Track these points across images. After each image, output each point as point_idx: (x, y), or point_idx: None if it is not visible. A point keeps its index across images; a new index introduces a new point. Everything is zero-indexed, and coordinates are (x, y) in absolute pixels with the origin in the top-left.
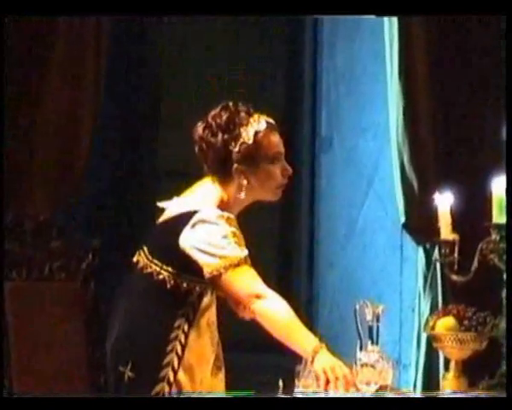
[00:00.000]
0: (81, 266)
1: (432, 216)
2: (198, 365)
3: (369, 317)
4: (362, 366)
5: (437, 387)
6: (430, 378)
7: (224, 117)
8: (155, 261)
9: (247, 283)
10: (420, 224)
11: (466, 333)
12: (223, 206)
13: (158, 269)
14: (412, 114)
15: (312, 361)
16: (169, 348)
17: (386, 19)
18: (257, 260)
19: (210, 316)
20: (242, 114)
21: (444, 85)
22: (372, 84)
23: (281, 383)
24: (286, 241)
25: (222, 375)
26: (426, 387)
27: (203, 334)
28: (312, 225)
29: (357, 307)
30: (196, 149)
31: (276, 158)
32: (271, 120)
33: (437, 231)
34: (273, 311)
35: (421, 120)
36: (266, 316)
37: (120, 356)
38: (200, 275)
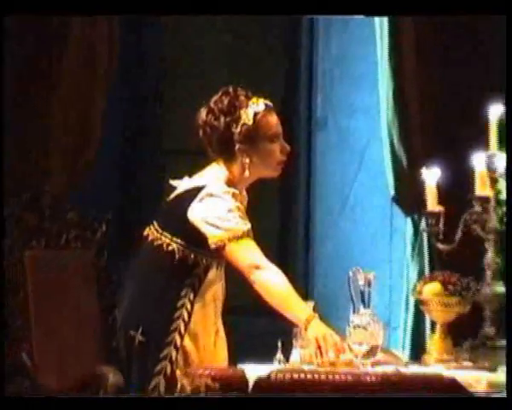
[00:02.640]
0: (95, 236)
1: (419, 189)
2: (202, 332)
3: (361, 283)
4: (354, 327)
5: (423, 348)
6: (417, 340)
7: (225, 101)
8: (165, 234)
9: (248, 254)
10: (408, 197)
11: (451, 297)
12: (229, 183)
13: (167, 241)
14: (401, 94)
15: (306, 329)
16: (176, 314)
17: None
18: (257, 232)
19: (216, 291)
20: (242, 98)
21: (431, 66)
22: (363, 68)
23: (279, 343)
24: (284, 215)
25: (224, 344)
26: (413, 348)
27: (207, 305)
28: (308, 199)
29: (351, 274)
30: (200, 133)
31: (274, 137)
32: (269, 103)
33: (424, 204)
34: (271, 282)
35: (409, 100)
36: (264, 286)
37: (131, 322)
38: (206, 248)
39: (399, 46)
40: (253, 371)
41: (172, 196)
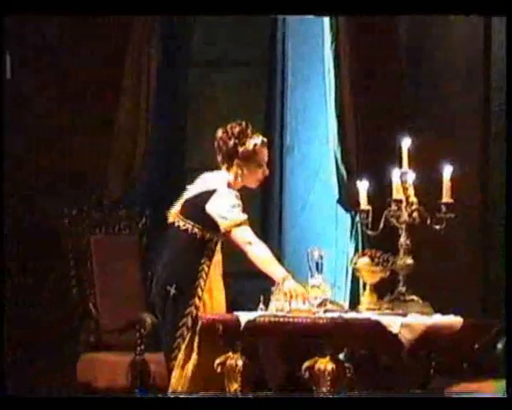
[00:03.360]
0: (138, 226)
1: (355, 194)
2: (214, 288)
3: (316, 256)
4: (312, 287)
5: (358, 300)
6: (354, 295)
7: (237, 129)
8: (189, 221)
9: (244, 235)
10: (347, 199)
11: (376, 267)
12: (230, 186)
13: (191, 226)
14: (341, 128)
15: (282, 284)
16: (198, 275)
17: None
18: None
19: (220, 259)
20: (249, 131)
21: (365, 96)
22: (319, 116)
23: (261, 298)
24: (265, 211)
25: (224, 296)
26: (351, 300)
27: (216, 268)
28: (281, 201)
29: (309, 250)
30: (215, 145)
31: (262, 163)
32: (265, 139)
33: (358, 204)
34: (259, 252)
35: (348, 133)
36: (254, 256)
37: (168, 280)
38: (217, 230)
39: (341, 92)
40: (244, 316)
41: (192, 194)
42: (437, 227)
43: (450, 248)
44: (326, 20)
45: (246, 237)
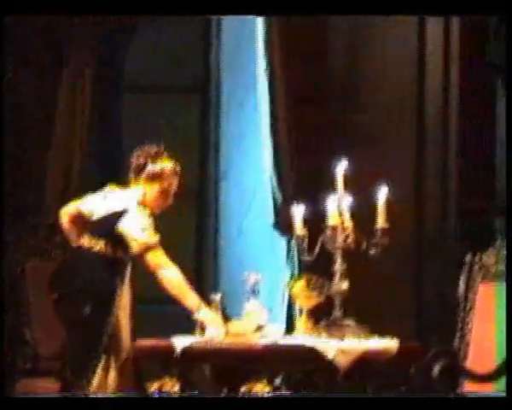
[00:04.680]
0: None
1: (290, 219)
2: (128, 307)
3: (252, 281)
4: (248, 312)
5: (293, 326)
6: (290, 320)
7: (153, 150)
8: (100, 241)
9: (156, 258)
10: (283, 224)
11: (312, 291)
12: (140, 204)
13: (103, 246)
14: (277, 154)
15: (196, 313)
16: (113, 294)
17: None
18: (179, 246)
19: (130, 278)
20: (164, 155)
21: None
22: (253, 137)
23: (198, 322)
24: (200, 236)
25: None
26: (287, 325)
27: (127, 287)
28: (216, 226)
29: (245, 275)
30: (130, 160)
31: (167, 190)
32: (178, 169)
33: (293, 229)
34: (170, 277)
35: (283, 158)
36: (165, 280)
37: (82, 300)
38: (129, 250)
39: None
40: (180, 342)
41: (102, 214)
42: (372, 252)
43: (386, 271)
44: (260, 44)
45: (157, 261)
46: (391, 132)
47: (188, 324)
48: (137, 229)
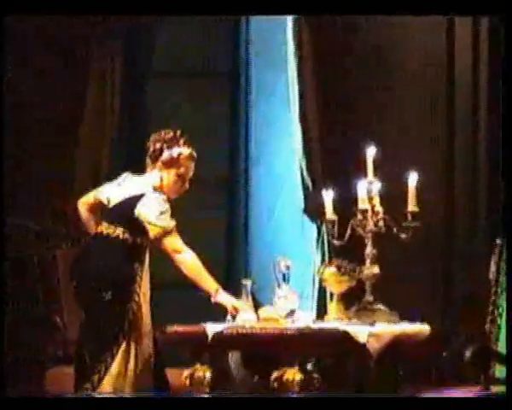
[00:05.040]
0: None
1: (321, 204)
2: (147, 292)
3: (282, 267)
4: (279, 297)
5: (325, 310)
6: (321, 305)
7: (169, 135)
8: (118, 228)
9: (173, 243)
10: (313, 209)
11: (342, 276)
12: (156, 189)
13: (121, 233)
14: (307, 139)
15: (215, 297)
16: (133, 280)
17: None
18: (210, 232)
19: (149, 262)
20: (181, 141)
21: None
22: (284, 125)
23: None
24: (231, 222)
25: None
26: (318, 310)
27: (147, 272)
28: (247, 211)
29: (276, 261)
30: (146, 146)
31: (183, 175)
32: (195, 154)
33: (324, 214)
34: (188, 261)
35: (313, 144)
36: (183, 264)
37: (102, 286)
38: (147, 235)
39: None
40: (211, 328)
41: (119, 200)
42: (403, 236)
43: (417, 256)
44: (289, 29)
45: (174, 246)
46: (421, 124)
47: (219, 310)
48: (154, 214)
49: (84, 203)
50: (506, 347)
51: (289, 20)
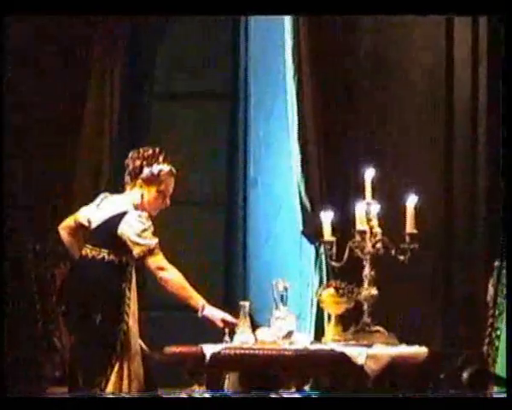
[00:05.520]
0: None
1: (319, 226)
2: (136, 312)
3: (280, 288)
4: (276, 318)
5: (323, 332)
6: (319, 327)
7: (149, 152)
8: (103, 249)
9: (156, 260)
10: (311, 231)
11: (340, 298)
12: (137, 207)
13: (107, 254)
14: (306, 160)
15: (202, 311)
16: (122, 300)
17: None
18: (207, 252)
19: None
20: (160, 158)
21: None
22: (281, 143)
23: (226, 330)
24: (229, 243)
25: None
26: (316, 332)
27: (134, 291)
28: (245, 232)
29: (274, 282)
30: (125, 164)
31: (164, 192)
32: (174, 170)
33: (322, 235)
34: (172, 278)
35: (311, 164)
36: (168, 282)
37: (92, 309)
38: (131, 254)
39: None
40: (209, 349)
41: (101, 221)
42: (401, 258)
43: (415, 278)
44: (288, 51)
45: (158, 263)
46: (419, 136)
47: (216, 331)
48: (136, 233)
49: (64, 228)
50: (506, 347)
51: (288, 36)
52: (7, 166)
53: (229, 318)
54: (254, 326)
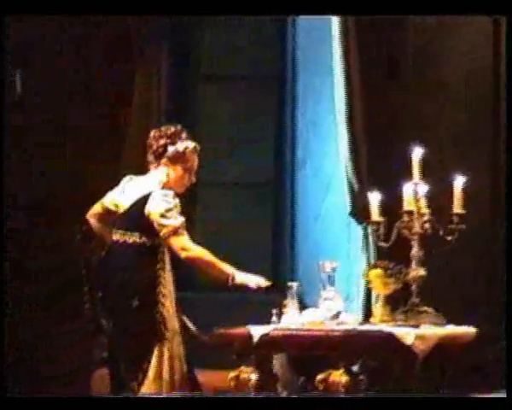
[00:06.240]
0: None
1: (366, 206)
2: (173, 293)
3: (328, 269)
4: (324, 299)
5: (371, 313)
6: (366, 307)
7: (171, 130)
8: (134, 233)
9: (180, 242)
10: (359, 211)
11: (388, 278)
12: (163, 186)
13: (138, 237)
14: (352, 142)
15: (233, 279)
16: (157, 282)
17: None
18: (256, 234)
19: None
20: (183, 134)
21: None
22: (328, 126)
23: (274, 311)
24: (277, 224)
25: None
26: (364, 313)
27: (169, 272)
28: (293, 214)
29: (321, 263)
30: (148, 144)
31: (189, 169)
32: (198, 146)
33: (369, 216)
34: (198, 255)
35: (359, 146)
36: (192, 260)
37: (128, 294)
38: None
39: (350, 95)
40: (257, 330)
41: (128, 205)
42: (449, 238)
43: (463, 258)
44: (336, 31)
45: (181, 244)
46: (467, 125)
47: (265, 312)
48: (161, 212)
49: (93, 215)
50: (506, 347)
51: (335, 23)
52: (6, 166)
53: (261, 281)
54: (302, 307)
